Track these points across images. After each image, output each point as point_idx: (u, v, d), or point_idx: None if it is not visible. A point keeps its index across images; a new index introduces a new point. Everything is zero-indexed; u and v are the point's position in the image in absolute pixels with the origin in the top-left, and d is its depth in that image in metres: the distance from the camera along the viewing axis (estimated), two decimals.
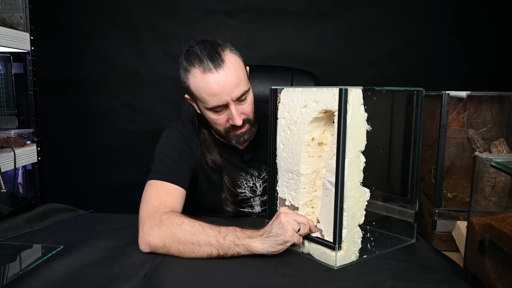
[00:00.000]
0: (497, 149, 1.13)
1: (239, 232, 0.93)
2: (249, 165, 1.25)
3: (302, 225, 0.91)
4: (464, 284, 0.81)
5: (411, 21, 2.18)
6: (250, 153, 1.24)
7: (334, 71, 2.23)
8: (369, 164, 0.90)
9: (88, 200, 2.33)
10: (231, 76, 1.05)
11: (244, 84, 1.09)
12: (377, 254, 0.95)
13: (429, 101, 1.19)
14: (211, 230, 0.93)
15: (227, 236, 0.92)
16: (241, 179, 1.24)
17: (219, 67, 1.04)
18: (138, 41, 2.26)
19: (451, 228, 1.12)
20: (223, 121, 1.11)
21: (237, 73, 1.07)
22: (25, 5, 1.86)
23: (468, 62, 2.19)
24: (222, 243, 0.91)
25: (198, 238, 0.92)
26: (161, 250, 0.95)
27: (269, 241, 0.91)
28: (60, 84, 2.30)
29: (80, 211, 1.31)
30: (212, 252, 0.92)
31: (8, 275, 0.85)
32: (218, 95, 1.05)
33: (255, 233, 0.93)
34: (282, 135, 1.01)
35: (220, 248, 0.91)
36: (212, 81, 1.04)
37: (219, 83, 1.04)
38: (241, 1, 2.20)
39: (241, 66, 1.10)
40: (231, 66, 1.06)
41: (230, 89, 1.05)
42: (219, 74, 1.04)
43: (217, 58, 1.05)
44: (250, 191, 1.26)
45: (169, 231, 0.94)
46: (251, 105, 1.13)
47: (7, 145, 1.72)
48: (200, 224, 0.95)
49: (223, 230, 0.93)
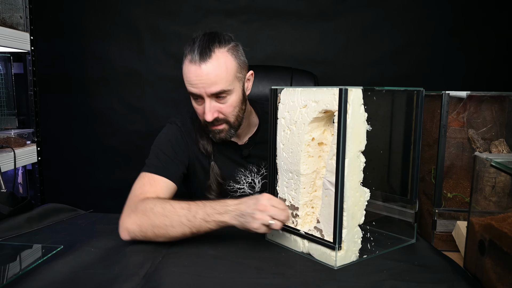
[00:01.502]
0: (497, 149, 1.13)
1: (209, 208, 0.94)
2: (248, 161, 1.26)
3: (275, 222, 0.90)
4: (464, 284, 0.81)
5: (411, 21, 2.18)
6: (249, 149, 1.26)
7: (334, 71, 2.23)
8: (369, 164, 0.90)
9: (88, 200, 2.33)
10: (211, 73, 1.08)
11: (225, 84, 1.10)
12: (377, 254, 0.95)
13: (429, 101, 1.19)
14: (181, 210, 0.95)
15: (197, 214, 0.94)
16: (239, 175, 1.25)
17: (203, 61, 1.08)
18: (138, 41, 2.26)
19: (451, 228, 1.12)
20: (200, 112, 1.16)
21: (219, 72, 1.09)
22: (25, 5, 1.86)
23: (468, 62, 2.19)
24: (193, 221, 0.93)
25: (170, 219, 0.95)
26: (139, 235, 0.98)
27: (238, 220, 0.92)
28: (60, 84, 2.30)
29: (80, 211, 1.31)
30: (186, 231, 0.94)
31: (8, 275, 0.85)
32: (195, 86, 1.10)
33: (226, 207, 0.93)
34: (282, 135, 1.01)
35: (192, 226, 0.94)
36: (192, 72, 1.09)
37: (197, 76, 1.09)
38: (241, 1, 2.20)
39: (229, 66, 1.11)
40: (216, 63, 1.08)
41: (206, 84, 1.09)
42: (201, 67, 1.08)
43: (206, 53, 1.08)
44: (249, 187, 1.27)
45: (143, 216, 0.97)
46: (231, 107, 1.14)
47: (7, 145, 1.72)
48: (171, 204, 0.97)
49: (193, 208, 0.95)
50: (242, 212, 0.91)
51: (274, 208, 0.90)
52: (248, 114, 1.25)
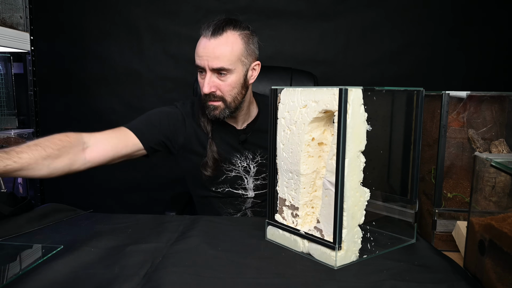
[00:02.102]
0: (497, 149, 1.13)
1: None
2: (244, 147, 1.29)
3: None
4: (464, 284, 0.81)
5: (411, 21, 2.18)
6: (247, 134, 1.29)
7: (334, 71, 2.23)
8: (369, 164, 0.90)
9: (89, 200, 2.33)
10: (217, 48, 1.15)
11: (226, 62, 1.17)
12: (377, 254, 0.95)
13: (429, 101, 1.19)
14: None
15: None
16: (235, 158, 1.29)
17: (214, 37, 1.16)
18: (138, 41, 2.26)
19: (451, 228, 1.12)
20: (202, 85, 1.21)
21: (224, 50, 1.16)
22: (25, 5, 1.86)
23: (468, 62, 2.19)
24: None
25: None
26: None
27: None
28: (60, 84, 2.30)
29: (80, 211, 1.31)
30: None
31: (8, 275, 0.85)
32: (200, 58, 1.18)
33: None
34: (282, 135, 1.01)
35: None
36: (201, 44, 1.18)
37: (204, 48, 1.16)
38: (241, 1, 2.20)
39: (235, 48, 1.18)
40: (223, 41, 1.16)
41: (209, 57, 1.16)
42: (209, 41, 1.16)
43: (218, 30, 1.16)
44: (243, 171, 1.30)
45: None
46: (229, 87, 1.20)
47: (7, 145, 1.72)
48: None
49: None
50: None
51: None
52: (249, 103, 1.30)
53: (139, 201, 2.27)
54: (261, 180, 1.32)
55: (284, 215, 1.02)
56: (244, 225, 1.13)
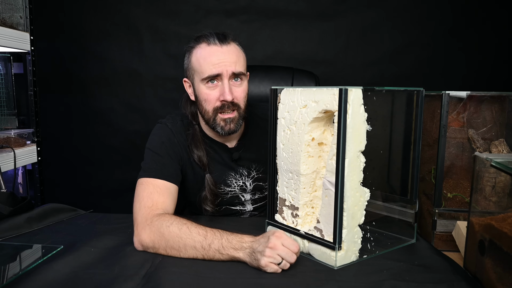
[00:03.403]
0: (497, 149, 1.13)
1: (225, 241, 0.92)
2: (238, 164, 1.25)
3: (283, 262, 0.87)
4: (464, 284, 0.81)
5: (411, 21, 2.17)
6: (239, 152, 1.25)
7: (334, 71, 2.23)
8: (369, 164, 0.90)
9: (88, 200, 2.33)
10: (232, 53, 1.14)
11: (243, 67, 1.16)
12: (377, 254, 0.95)
13: (429, 101, 1.19)
14: (198, 236, 0.94)
15: (213, 244, 0.92)
16: (230, 178, 1.25)
17: (224, 44, 1.14)
18: (138, 41, 2.26)
19: (451, 228, 1.12)
20: (213, 97, 1.15)
21: (238, 54, 1.15)
22: (25, 5, 1.86)
23: (468, 62, 2.18)
24: (207, 250, 0.93)
25: (184, 241, 0.94)
26: (151, 249, 0.98)
27: (250, 257, 0.90)
28: (60, 84, 2.30)
29: (80, 211, 1.31)
30: (197, 256, 0.94)
31: (8, 275, 0.85)
32: (215, 65, 1.12)
33: (242, 243, 0.92)
34: (282, 135, 1.01)
35: (205, 254, 0.93)
36: (214, 51, 1.13)
37: (221, 54, 1.13)
38: (241, 1, 2.20)
39: (242, 55, 1.18)
40: (233, 48, 1.15)
41: (228, 62, 1.12)
42: (222, 48, 1.13)
43: (224, 38, 1.14)
44: (240, 190, 1.26)
45: (158, 233, 0.97)
46: (244, 93, 1.17)
47: (7, 145, 1.72)
48: (188, 227, 0.96)
49: (210, 236, 0.93)
50: (254, 250, 0.89)
51: (284, 248, 0.88)
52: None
53: None
54: (259, 194, 1.29)
55: (284, 215, 1.02)
56: (244, 225, 1.13)
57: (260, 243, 0.89)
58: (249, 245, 0.91)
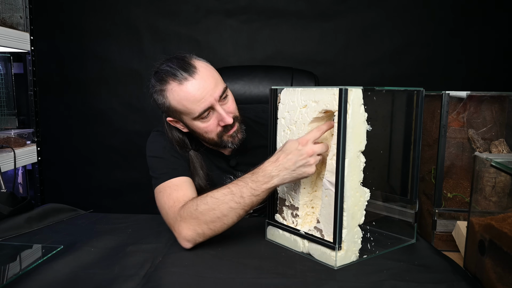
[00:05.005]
0: (497, 149, 1.13)
1: (252, 183, 0.94)
2: (236, 169, 1.25)
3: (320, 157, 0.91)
4: (464, 284, 0.81)
5: (411, 21, 2.17)
6: (236, 158, 1.25)
7: (334, 71, 2.23)
8: (369, 164, 0.90)
9: (88, 200, 2.33)
10: (207, 79, 1.08)
11: (221, 82, 1.12)
12: (377, 254, 0.95)
13: (429, 101, 1.19)
14: (225, 196, 0.95)
15: (243, 193, 0.94)
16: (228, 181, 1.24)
17: (194, 73, 1.06)
18: (138, 41, 2.26)
19: (451, 228, 1.12)
20: (213, 126, 1.12)
21: (212, 74, 1.10)
22: (25, 5, 1.86)
23: (468, 62, 2.18)
24: (242, 202, 0.94)
25: (219, 210, 0.95)
26: (199, 238, 0.97)
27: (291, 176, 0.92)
28: (60, 84, 2.30)
29: (80, 211, 1.31)
30: (240, 212, 0.95)
31: (8, 275, 0.85)
32: (201, 100, 1.07)
33: (269, 173, 0.93)
34: (282, 135, 1.01)
35: (244, 206, 0.94)
36: (191, 88, 1.06)
37: (199, 88, 1.06)
38: (241, 1, 2.20)
39: (212, 68, 1.13)
40: (203, 70, 1.09)
41: (211, 90, 1.07)
42: (196, 79, 1.06)
43: (189, 66, 1.07)
44: None
45: (193, 221, 0.97)
46: (233, 103, 1.16)
47: (7, 145, 1.72)
48: (212, 196, 0.96)
49: (236, 189, 0.95)
50: (292, 167, 0.91)
51: (315, 146, 0.91)
52: None
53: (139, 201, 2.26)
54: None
55: (284, 215, 1.02)
56: (244, 225, 1.13)
57: (295, 157, 0.90)
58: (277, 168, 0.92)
